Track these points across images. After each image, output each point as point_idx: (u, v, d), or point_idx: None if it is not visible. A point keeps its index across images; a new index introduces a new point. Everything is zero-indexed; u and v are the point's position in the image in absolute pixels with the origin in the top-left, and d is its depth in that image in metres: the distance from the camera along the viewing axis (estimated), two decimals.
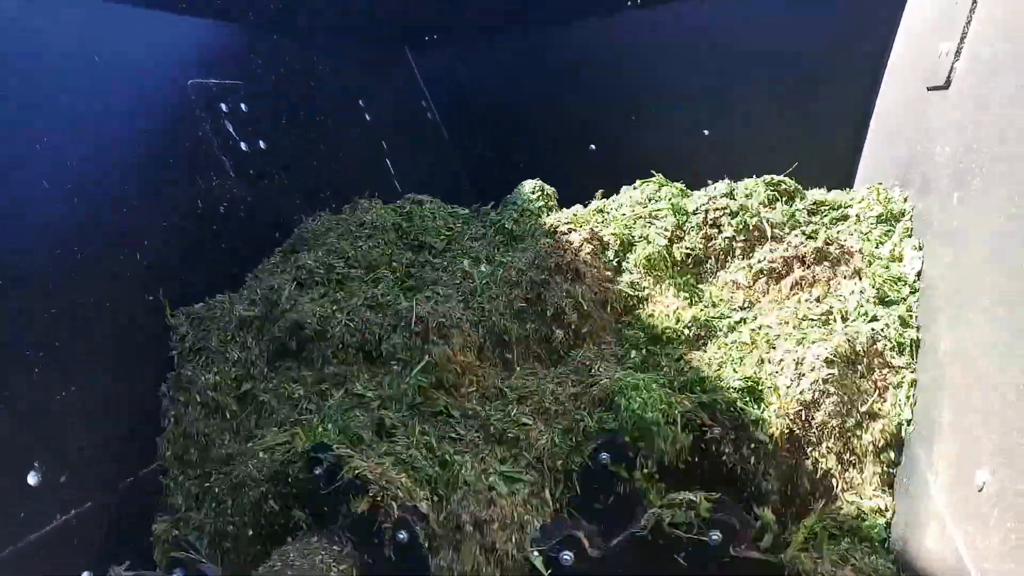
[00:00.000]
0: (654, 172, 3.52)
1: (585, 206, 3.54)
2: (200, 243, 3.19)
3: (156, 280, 2.90)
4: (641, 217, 3.23)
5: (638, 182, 3.52)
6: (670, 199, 3.29)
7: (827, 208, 3.14)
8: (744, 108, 4.43)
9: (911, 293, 2.59)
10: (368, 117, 4.63)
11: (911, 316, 2.52)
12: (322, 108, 4.27)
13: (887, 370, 2.43)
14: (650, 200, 3.35)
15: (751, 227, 3.01)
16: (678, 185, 3.43)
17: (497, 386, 2.72)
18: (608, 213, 3.38)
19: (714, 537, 2.08)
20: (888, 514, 2.25)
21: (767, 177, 3.28)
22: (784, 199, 3.20)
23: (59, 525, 2.33)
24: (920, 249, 2.65)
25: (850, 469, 2.35)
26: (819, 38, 4.11)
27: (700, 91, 4.52)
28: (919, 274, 2.59)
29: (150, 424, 2.71)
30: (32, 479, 2.26)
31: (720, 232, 3.05)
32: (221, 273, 3.24)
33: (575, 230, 3.21)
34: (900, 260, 2.72)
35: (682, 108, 4.56)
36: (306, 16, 4.10)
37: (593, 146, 4.71)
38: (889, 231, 2.88)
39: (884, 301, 2.61)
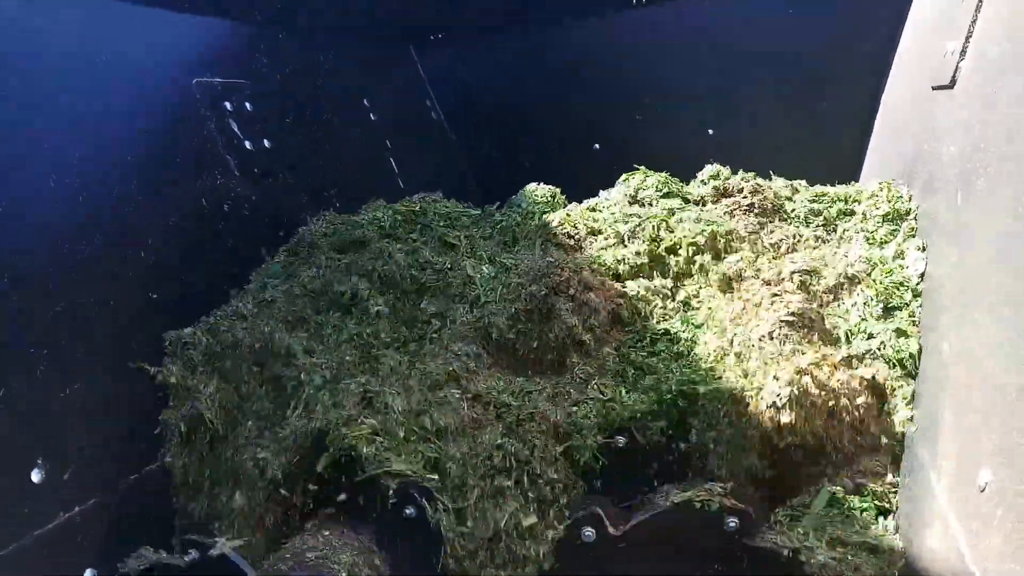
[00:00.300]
0: (636, 166, 3.55)
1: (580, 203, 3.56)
2: (203, 242, 3.20)
3: (157, 280, 2.91)
4: (632, 217, 3.25)
5: (624, 176, 3.53)
6: (656, 187, 3.37)
7: (831, 200, 3.15)
8: (750, 108, 4.43)
9: (914, 297, 2.58)
10: (373, 116, 4.64)
11: (914, 321, 2.51)
12: (326, 107, 4.28)
13: (884, 383, 2.43)
14: (638, 191, 3.39)
15: (743, 239, 3.02)
16: (663, 175, 3.45)
17: (503, 401, 2.67)
18: (600, 211, 3.39)
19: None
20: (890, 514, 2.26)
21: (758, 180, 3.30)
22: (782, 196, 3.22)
23: (62, 523, 2.35)
24: (923, 250, 2.64)
25: (845, 468, 2.36)
26: (821, 38, 4.12)
27: (706, 91, 4.54)
28: (923, 275, 2.58)
29: (150, 424, 2.72)
30: (36, 476, 2.28)
31: (712, 247, 3.08)
32: (224, 273, 3.26)
33: (570, 233, 3.25)
34: (903, 259, 2.71)
35: (688, 108, 4.57)
36: (310, 15, 4.11)
37: (597, 145, 4.71)
38: (894, 231, 2.87)
39: (887, 308, 2.59)
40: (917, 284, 2.58)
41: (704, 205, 3.37)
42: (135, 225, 2.89)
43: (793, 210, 3.16)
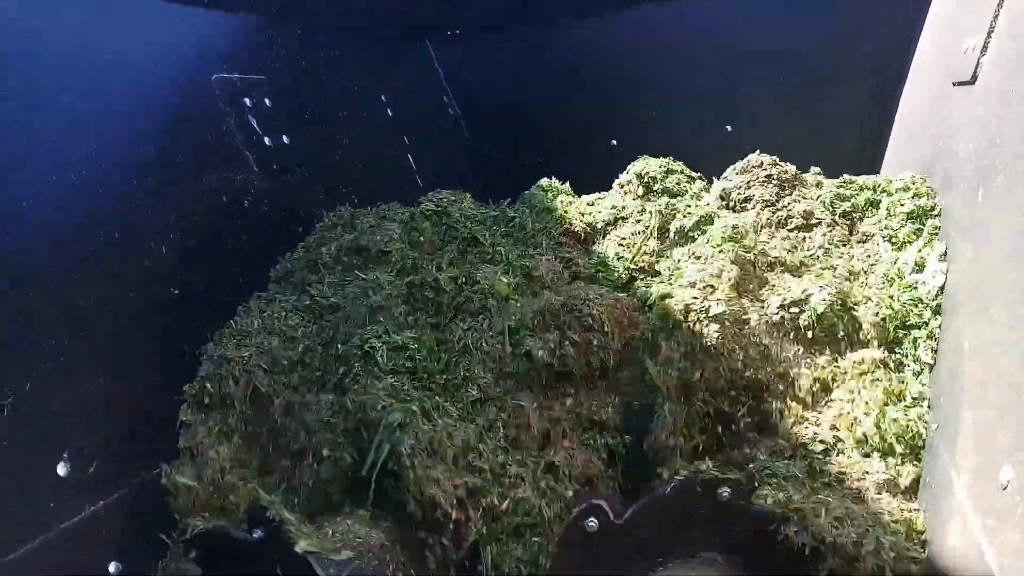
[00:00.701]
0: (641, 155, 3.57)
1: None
2: (218, 239, 3.22)
3: (170, 275, 2.92)
4: (639, 203, 3.27)
5: (630, 165, 3.55)
6: (660, 167, 3.41)
7: (859, 188, 3.10)
8: (750, 108, 4.41)
9: (934, 315, 2.48)
10: (390, 112, 4.62)
11: (933, 346, 2.43)
12: (343, 103, 4.28)
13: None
14: (644, 173, 3.42)
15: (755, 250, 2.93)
16: (667, 159, 3.50)
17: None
18: (605, 203, 3.44)
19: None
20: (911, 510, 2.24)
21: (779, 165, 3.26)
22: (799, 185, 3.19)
23: (87, 516, 2.39)
24: (944, 257, 2.56)
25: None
26: (822, 38, 4.11)
27: (707, 91, 4.51)
28: (942, 288, 2.50)
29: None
30: (62, 470, 2.34)
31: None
32: (240, 269, 3.29)
33: (578, 232, 3.28)
34: (922, 269, 2.62)
35: (688, 108, 4.54)
36: (323, 10, 4.10)
37: (615, 141, 4.67)
38: (918, 230, 2.78)
39: (905, 325, 2.54)
40: (936, 298, 2.49)
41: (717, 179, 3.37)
42: (146, 223, 2.89)
43: (819, 197, 3.09)
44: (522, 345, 2.76)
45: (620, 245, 3.19)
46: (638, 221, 3.22)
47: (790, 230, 3.02)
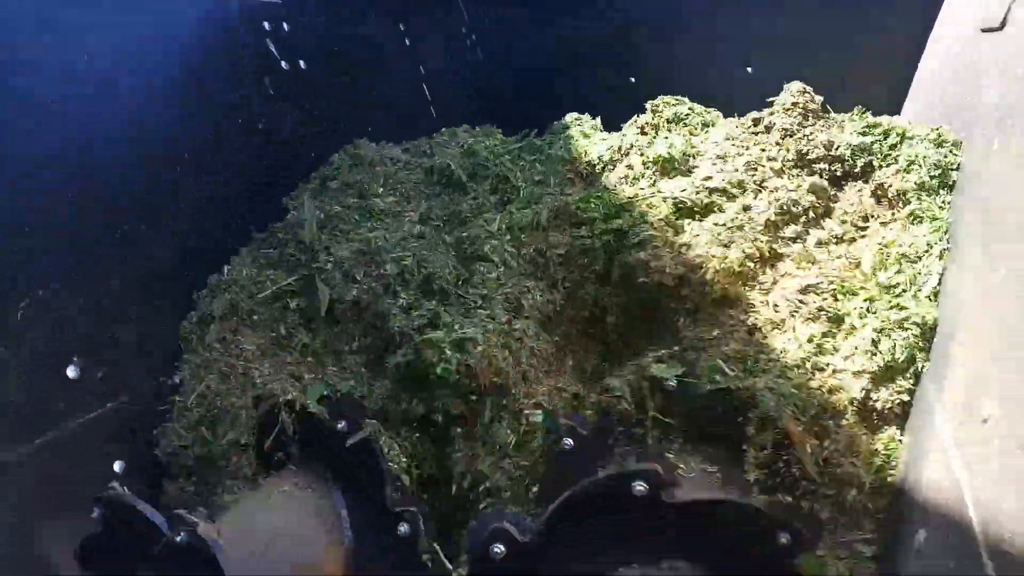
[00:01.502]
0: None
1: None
2: (241, 169, 3.38)
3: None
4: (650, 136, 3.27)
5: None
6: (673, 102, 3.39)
7: (883, 133, 2.91)
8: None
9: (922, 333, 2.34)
10: (407, 42, 4.49)
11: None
12: (363, 31, 4.22)
13: None
14: (660, 107, 3.36)
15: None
16: (680, 98, 3.43)
17: None
18: (596, 144, 3.41)
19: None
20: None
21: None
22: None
23: (95, 417, 2.58)
24: (943, 257, 2.46)
25: None
26: None
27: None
28: (936, 293, 2.40)
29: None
30: (72, 372, 2.52)
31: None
32: (259, 203, 3.46)
33: (584, 170, 3.32)
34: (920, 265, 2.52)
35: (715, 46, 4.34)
36: None
37: (633, 79, 4.54)
38: (939, 185, 2.66)
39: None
40: (928, 316, 2.33)
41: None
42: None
43: (836, 146, 2.94)
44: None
45: (619, 181, 3.16)
46: (629, 166, 3.17)
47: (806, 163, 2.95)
